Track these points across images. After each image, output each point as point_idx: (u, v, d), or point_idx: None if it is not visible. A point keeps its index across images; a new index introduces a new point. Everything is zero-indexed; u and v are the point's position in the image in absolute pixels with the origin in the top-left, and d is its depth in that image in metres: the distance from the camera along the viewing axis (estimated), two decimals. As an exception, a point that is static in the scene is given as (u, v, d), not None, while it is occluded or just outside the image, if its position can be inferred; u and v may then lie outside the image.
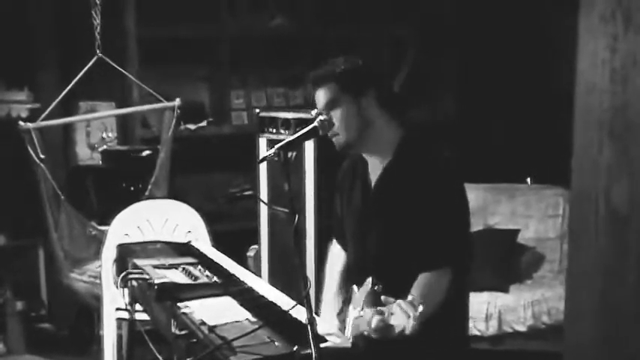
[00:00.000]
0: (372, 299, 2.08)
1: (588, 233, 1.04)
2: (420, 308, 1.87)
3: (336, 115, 2.28)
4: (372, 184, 2.37)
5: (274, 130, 3.96)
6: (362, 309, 2.09)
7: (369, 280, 2.14)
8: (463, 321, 2.43)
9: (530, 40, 5.37)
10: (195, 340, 2.06)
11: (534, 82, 5.40)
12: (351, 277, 2.45)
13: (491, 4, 5.32)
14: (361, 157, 2.41)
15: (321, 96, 2.31)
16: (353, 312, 2.17)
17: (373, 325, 1.93)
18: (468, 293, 2.44)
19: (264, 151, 4.00)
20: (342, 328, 2.26)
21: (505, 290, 4.34)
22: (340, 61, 2.32)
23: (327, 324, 2.31)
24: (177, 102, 4.17)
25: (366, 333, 2.01)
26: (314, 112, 3.60)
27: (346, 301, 2.38)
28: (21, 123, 3.88)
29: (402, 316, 1.87)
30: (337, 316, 2.40)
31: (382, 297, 2.00)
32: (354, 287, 2.32)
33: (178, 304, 2.28)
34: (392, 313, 1.90)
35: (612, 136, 1.00)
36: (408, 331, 1.86)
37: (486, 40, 5.38)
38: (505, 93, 5.36)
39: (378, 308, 1.96)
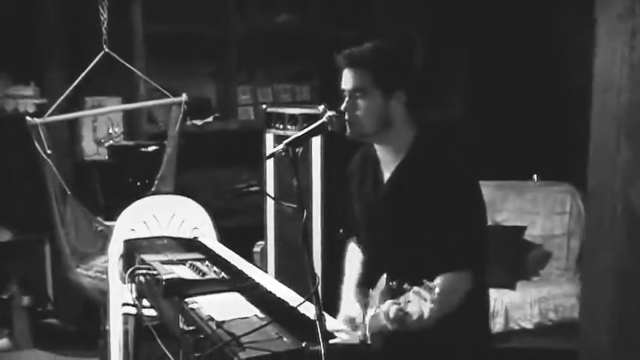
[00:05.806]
0: (387, 296, 2.05)
1: (604, 232, 1.03)
2: (437, 290, 1.82)
3: (362, 104, 2.22)
4: (385, 180, 2.34)
5: (281, 126, 3.96)
6: (378, 306, 2.07)
7: (384, 277, 2.12)
8: (483, 321, 2.42)
9: (538, 38, 5.35)
10: (203, 335, 2.06)
11: (542, 80, 5.38)
12: (366, 274, 2.43)
13: (500, 2, 5.30)
14: (372, 152, 2.38)
15: (351, 77, 2.23)
16: (370, 311, 2.15)
17: (391, 315, 1.91)
18: (488, 292, 2.42)
19: (270, 146, 3.99)
20: (362, 323, 2.24)
21: (512, 287, 4.33)
22: (384, 50, 2.23)
23: (349, 310, 2.30)
24: (183, 97, 4.16)
25: (385, 326, 1.99)
26: (321, 108, 3.60)
27: (365, 304, 2.33)
28: (28, 118, 3.87)
29: (419, 300, 1.83)
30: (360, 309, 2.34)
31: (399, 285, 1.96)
32: (370, 291, 2.30)
33: (186, 299, 2.28)
34: (409, 301, 1.87)
35: (630, 134, 0.98)
36: (426, 316, 1.83)
37: (495, 39, 5.36)
38: (512, 90, 5.34)
39: (395, 299, 1.93)
